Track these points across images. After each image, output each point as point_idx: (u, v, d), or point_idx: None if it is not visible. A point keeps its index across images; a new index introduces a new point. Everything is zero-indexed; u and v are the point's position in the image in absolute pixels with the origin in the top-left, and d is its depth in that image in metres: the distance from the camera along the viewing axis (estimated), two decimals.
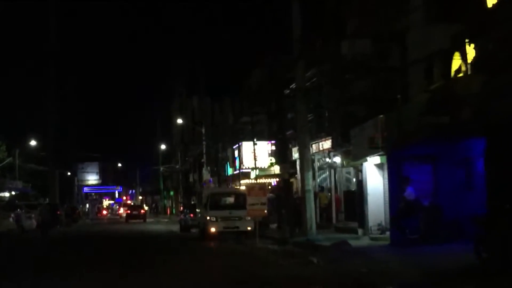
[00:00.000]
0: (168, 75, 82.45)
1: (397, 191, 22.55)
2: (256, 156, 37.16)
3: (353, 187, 32.29)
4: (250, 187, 27.79)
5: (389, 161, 22.97)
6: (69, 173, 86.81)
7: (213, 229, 31.20)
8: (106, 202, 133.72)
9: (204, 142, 55.99)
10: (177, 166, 77.29)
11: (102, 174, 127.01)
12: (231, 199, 33.03)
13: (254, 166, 37.71)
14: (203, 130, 55.76)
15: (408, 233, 21.64)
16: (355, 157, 25.98)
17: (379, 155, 24.26)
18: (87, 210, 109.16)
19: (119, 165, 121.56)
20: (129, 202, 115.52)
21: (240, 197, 32.37)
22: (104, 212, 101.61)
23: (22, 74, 69.91)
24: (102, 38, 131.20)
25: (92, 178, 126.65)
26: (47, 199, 66.68)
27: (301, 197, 29.74)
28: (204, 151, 56.41)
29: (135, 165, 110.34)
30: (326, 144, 30.34)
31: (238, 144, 44.26)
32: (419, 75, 26.45)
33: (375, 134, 23.27)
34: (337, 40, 27.68)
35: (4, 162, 67.17)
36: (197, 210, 35.24)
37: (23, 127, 71.59)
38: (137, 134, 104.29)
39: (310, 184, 28.36)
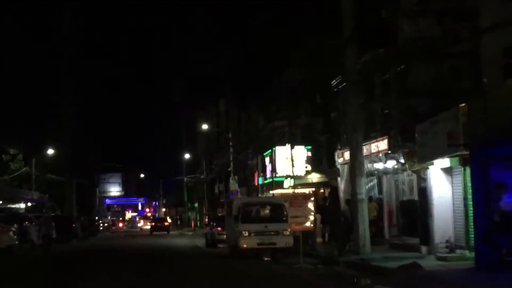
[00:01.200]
0: (192, 80, 77.43)
1: (484, 200, 17.47)
2: (294, 161, 32.13)
3: (408, 197, 27.25)
4: (293, 196, 22.81)
5: (474, 161, 17.86)
6: (89, 184, 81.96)
7: (245, 246, 26.21)
8: (129, 214, 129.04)
9: (231, 149, 51.04)
10: (202, 176, 72.27)
11: (125, 186, 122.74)
12: (266, 211, 28.03)
13: (291, 173, 32.71)
14: (230, 136, 50.84)
15: (504, 253, 16.52)
16: (423, 158, 20.89)
17: (456, 155, 19.17)
18: (109, 222, 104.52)
19: (142, 175, 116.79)
20: (149, 214, 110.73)
21: (277, 208, 27.39)
22: (120, 224, 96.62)
23: (39, 80, 65.36)
24: (124, 41, 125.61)
25: (114, 190, 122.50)
26: (58, 211, 62.02)
27: (335, 209, 24.76)
28: (231, 159, 51.43)
29: (158, 176, 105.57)
30: (382, 144, 25.20)
31: (271, 149, 39.15)
32: (496, 57, 21.60)
33: (454, 129, 18.15)
34: (395, 17, 22.74)
35: (20, 171, 62.80)
36: (225, 222, 30.24)
37: (40, 135, 67.15)
38: (160, 144, 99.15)
39: (364, 192, 23.30)
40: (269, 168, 42.41)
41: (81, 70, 70.20)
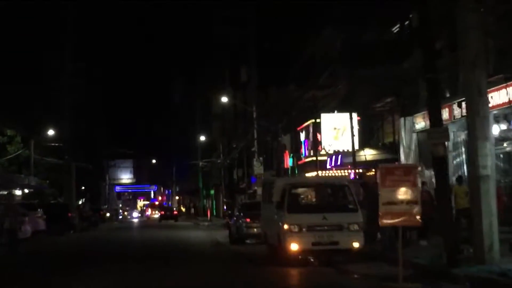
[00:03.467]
0: (209, 46, 67.95)
1: None
2: (353, 129, 23.06)
3: None
4: (385, 170, 13.72)
5: None
6: (94, 169, 73.03)
7: (295, 246, 17.25)
8: (140, 203, 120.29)
9: (255, 125, 42.09)
10: (219, 161, 63.22)
11: (137, 172, 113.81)
12: (323, 195, 18.95)
13: (351, 146, 23.73)
14: (254, 109, 41.89)
15: None
16: None
17: None
18: (120, 211, 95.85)
19: (153, 161, 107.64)
20: (157, 203, 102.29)
21: (339, 190, 18.47)
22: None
23: (40, 55, 56.23)
24: (134, 10, 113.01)
25: (126, 177, 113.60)
26: (61, 199, 53.32)
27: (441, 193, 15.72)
28: (255, 137, 42.46)
29: (171, 162, 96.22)
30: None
31: (313, 120, 29.83)
32: None
33: None
34: None
35: (14, 154, 54.16)
36: (261, 212, 21.09)
37: (41, 115, 58.33)
38: (173, 128, 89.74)
39: (489, 166, 14.30)
40: (306, 144, 33.55)
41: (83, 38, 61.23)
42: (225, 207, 57.55)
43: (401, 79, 26.38)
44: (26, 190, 53.45)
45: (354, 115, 27.39)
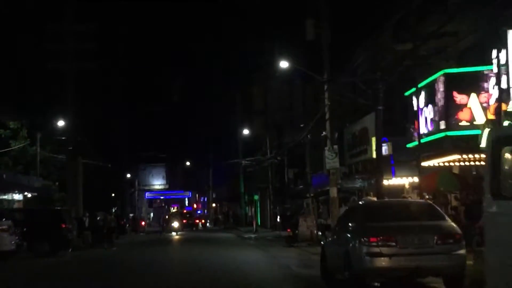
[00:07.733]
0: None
1: None
2: None
3: None
4: None
5: None
6: (115, 169, 60.19)
7: None
8: (174, 211, 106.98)
9: (326, 100, 28.30)
10: (267, 157, 49.28)
11: (169, 178, 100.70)
12: None
13: None
14: (325, 76, 28.07)
15: None
16: None
17: None
18: (150, 220, 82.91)
19: (187, 163, 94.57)
20: (184, 211, 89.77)
21: None
22: (142, 223, 74.14)
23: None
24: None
25: (158, 183, 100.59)
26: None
27: None
28: (327, 117, 28.62)
29: (207, 165, 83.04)
30: None
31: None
32: None
33: None
34: None
35: (16, 147, 41.94)
36: (488, 225, 7.13)
37: (50, 105, 45.65)
38: (208, 125, 75.96)
39: None
40: (429, 113, 19.79)
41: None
42: (278, 217, 43.79)
43: None
44: (29, 194, 40.71)
45: None
